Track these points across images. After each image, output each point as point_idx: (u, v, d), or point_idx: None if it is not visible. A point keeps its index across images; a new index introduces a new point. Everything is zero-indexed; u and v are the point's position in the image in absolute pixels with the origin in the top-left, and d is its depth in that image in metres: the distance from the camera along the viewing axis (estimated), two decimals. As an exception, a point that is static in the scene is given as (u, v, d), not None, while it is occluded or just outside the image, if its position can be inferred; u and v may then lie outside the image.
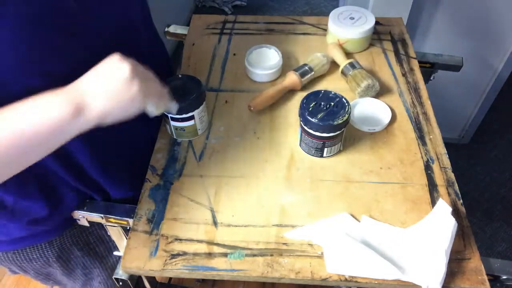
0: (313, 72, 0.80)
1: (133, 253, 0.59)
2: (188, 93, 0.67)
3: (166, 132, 0.74)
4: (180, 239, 0.60)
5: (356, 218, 0.62)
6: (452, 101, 1.61)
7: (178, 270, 0.58)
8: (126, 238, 0.69)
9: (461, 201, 0.64)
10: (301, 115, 0.66)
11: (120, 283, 0.64)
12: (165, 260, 0.58)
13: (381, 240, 0.59)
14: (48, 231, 0.67)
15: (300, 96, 0.80)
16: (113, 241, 0.75)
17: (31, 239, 0.67)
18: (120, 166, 0.68)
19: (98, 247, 0.75)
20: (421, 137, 0.72)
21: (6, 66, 0.45)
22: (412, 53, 0.88)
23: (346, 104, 0.66)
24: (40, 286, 1.40)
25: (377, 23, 0.91)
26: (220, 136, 0.74)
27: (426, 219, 0.60)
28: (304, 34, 0.93)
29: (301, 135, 0.69)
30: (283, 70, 0.83)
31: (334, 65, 0.84)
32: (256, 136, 0.74)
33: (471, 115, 1.69)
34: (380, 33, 0.92)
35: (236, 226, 0.62)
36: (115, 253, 0.76)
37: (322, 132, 0.65)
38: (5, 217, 0.61)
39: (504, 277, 0.59)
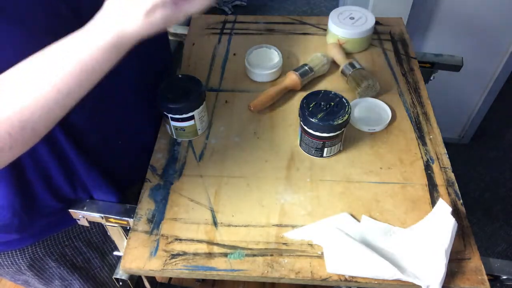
0: (313, 72, 0.80)
1: (133, 253, 0.59)
2: (188, 93, 0.67)
3: (166, 132, 0.74)
4: (180, 239, 0.60)
5: (356, 218, 0.62)
6: (452, 101, 1.61)
7: (178, 270, 0.58)
8: (126, 238, 0.69)
9: (461, 201, 0.64)
10: (301, 115, 0.66)
11: (120, 283, 0.64)
12: (165, 260, 0.58)
13: (381, 240, 0.59)
14: (19, 239, 0.66)
15: (300, 96, 0.79)
16: (92, 251, 0.74)
17: (3, 245, 0.66)
18: (110, 166, 0.66)
19: (75, 259, 0.74)
20: (421, 137, 0.72)
21: None
22: (412, 53, 0.88)
23: (346, 104, 0.66)
24: None
25: (377, 23, 0.91)
26: (220, 136, 0.74)
27: (426, 219, 0.60)
28: (304, 34, 0.93)
29: (301, 135, 0.69)
30: (283, 70, 0.83)
31: (334, 65, 0.84)
32: (256, 136, 0.74)
33: (471, 115, 1.69)
34: (380, 33, 0.92)
35: (236, 226, 0.62)
36: (115, 253, 0.76)
37: (322, 132, 0.65)
38: None
39: (504, 277, 0.59)
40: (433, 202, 0.63)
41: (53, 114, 0.43)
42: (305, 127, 0.66)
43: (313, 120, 0.64)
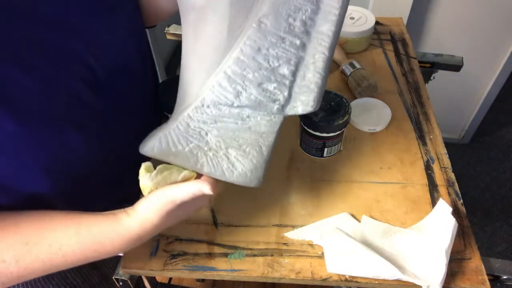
0: (313, 72, 0.80)
1: (133, 253, 0.59)
2: (188, 93, 0.67)
3: (166, 132, 0.74)
4: (180, 239, 0.60)
5: (356, 218, 0.62)
6: (452, 101, 1.62)
7: (178, 270, 0.58)
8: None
9: (461, 201, 0.64)
10: (301, 115, 0.66)
11: (120, 283, 0.64)
12: (165, 260, 0.58)
13: (381, 240, 0.59)
14: None
15: (300, 96, 0.79)
16: (91, 269, 0.71)
17: None
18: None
19: (75, 280, 0.71)
20: (421, 137, 0.72)
21: (5, 165, 0.41)
22: (412, 53, 0.88)
23: (346, 104, 0.66)
24: None
25: (377, 23, 0.91)
26: (220, 136, 0.74)
27: (426, 219, 0.60)
28: (304, 34, 0.93)
29: (301, 135, 0.69)
30: (283, 70, 0.83)
31: (334, 65, 0.84)
32: (256, 136, 0.73)
33: (471, 115, 1.69)
34: (380, 33, 0.92)
35: (236, 226, 0.62)
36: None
37: (322, 132, 0.65)
38: None
39: (504, 277, 0.59)
40: (433, 202, 0.63)
41: (48, 272, 0.45)
42: (305, 127, 0.66)
43: (313, 120, 0.64)
